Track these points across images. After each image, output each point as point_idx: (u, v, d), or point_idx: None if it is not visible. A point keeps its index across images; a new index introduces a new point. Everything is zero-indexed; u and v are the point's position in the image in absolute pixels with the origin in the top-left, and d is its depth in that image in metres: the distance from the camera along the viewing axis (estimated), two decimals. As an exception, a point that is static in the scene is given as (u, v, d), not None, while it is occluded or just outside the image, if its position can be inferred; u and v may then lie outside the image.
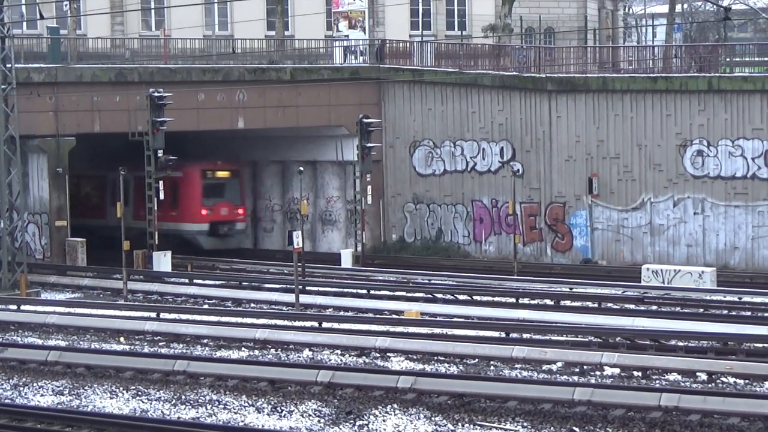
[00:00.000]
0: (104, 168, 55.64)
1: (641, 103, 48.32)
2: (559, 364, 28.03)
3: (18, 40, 48.38)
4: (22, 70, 45.41)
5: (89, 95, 48.78)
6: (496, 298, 39.47)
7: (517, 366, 28.14)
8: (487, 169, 51.62)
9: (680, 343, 30.20)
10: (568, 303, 38.47)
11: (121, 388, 26.96)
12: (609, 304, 38.03)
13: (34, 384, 27.65)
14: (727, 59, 53.07)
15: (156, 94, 46.49)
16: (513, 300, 38.87)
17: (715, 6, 65.68)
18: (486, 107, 51.67)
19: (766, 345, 29.99)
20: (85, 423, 23.70)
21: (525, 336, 31.53)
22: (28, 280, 42.15)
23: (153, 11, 69.67)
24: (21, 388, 27.44)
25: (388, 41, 61.20)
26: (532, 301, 38.74)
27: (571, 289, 41.39)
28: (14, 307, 38.04)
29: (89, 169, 56.25)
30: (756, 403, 23.29)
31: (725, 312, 36.52)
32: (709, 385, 26.28)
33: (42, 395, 26.84)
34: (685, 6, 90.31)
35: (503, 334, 31.73)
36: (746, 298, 38.86)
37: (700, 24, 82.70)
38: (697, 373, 26.94)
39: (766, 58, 57.57)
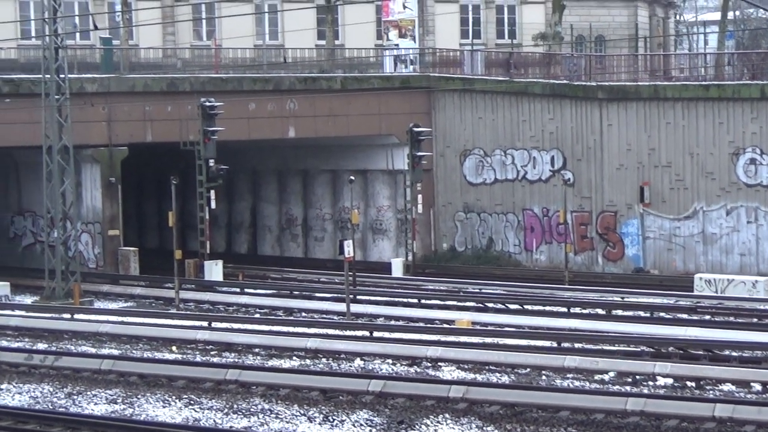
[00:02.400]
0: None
1: (693, 112, 48.03)
2: (612, 374, 27.88)
3: (71, 50, 48.79)
4: (76, 80, 45.74)
5: (141, 105, 49.11)
6: (548, 308, 39.32)
7: (568, 376, 28.01)
8: (538, 178, 51.50)
9: (734, 353, 29.89)
10: (619, 312, 38.26)
11: (174, 397, 27.08)
12: (661, 314, 37.79)
13: (88, 392, 27.82)
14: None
15: (207, 103, 46.75)
16: (564, 309, 38.69)
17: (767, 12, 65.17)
18: (536, 116, 51.55)
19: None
20: (138, 431, 23.87)
21: (576, 345, 31.35)
22: (81, 289, 42.39)
23: (204, 21, 70.09)
24: (75, 397, 27.62)
25: (438, 50, 61.27)
26: (584, 311, 38.55)
27: (622, 298, 41.19)
28: (68, 315, 38.29)
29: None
30: (811, 414, 23.08)
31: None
32: (764, 396, 26.06)
33: (96, 404, 26.99)
34: (737, 13, 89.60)
35: (555, 344, 31.59)
36: (800, 308, 38.57)
37: (753, 31, 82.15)
38: (752, 384, 26.70)
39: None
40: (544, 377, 28.09)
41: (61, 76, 42.33)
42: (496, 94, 52.86)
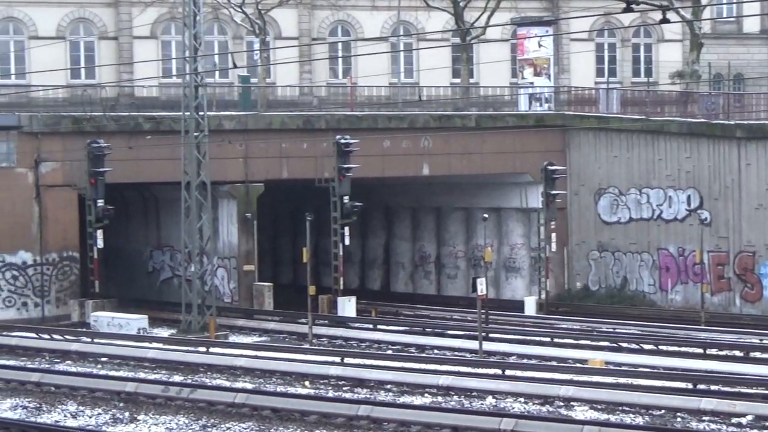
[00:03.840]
0: None
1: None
2: (750, 417, 27.22)
3: (210, 88, 49.57)
4: (214, 117, 46.49)
5: (278, 142, 49.68)
6: (683, 348, 38.70)
7: (704, 418, 27.43)
8: (674, 217, 50.81)
9: None
10: (758, 354, 37.44)
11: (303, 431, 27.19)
12: (802, 357, 36.98)
13: (222, 425, 28.02)
14: None
15: (343, 140, 47.15)
16: (700, 350, 38.03)
17: None
18: (673, 154, 50.92)
19: None
20: (270, 465, 24.02)
21: (713, 388, 30.75)
22: (216, 323, 42.81)
23: (340, 60, 70.86)
24: (209, 429, 27.83)
25: (573, 88, 61.01)
26: (720, 352, 37.85)
27: (761, 340, 40.34)
28: (203, 349, 38.70)
29: None
30: None
31: None
32: None
33: (225, 438, 27.25)
34: None
35: (690, 386, 31.01)
36: None
37: None
38: None
39: None
40: (679, 419, 27.56)
41: (201, 113, 42.92)
42: (632, 132, 52.38)
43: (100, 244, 45.49)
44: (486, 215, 47.18)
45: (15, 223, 45.88)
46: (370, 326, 44.93)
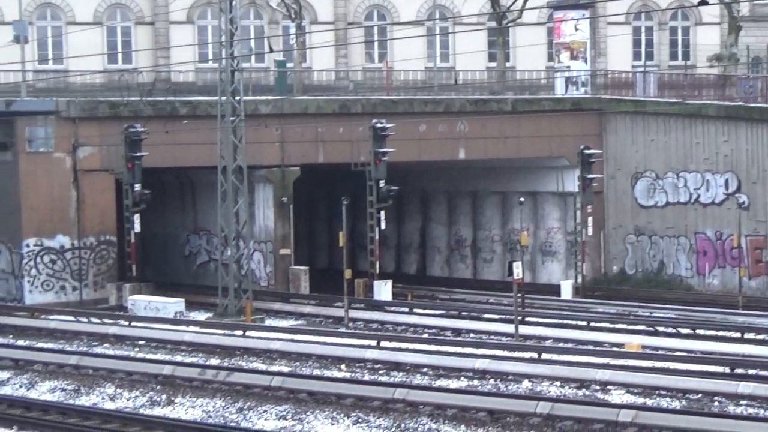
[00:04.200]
0: None
1: None
2: (788, 401, 27.13)
3: (246, 73, 49.66)
4: (250, 102, 46.52)
5: (314, 126, 49.74)
6: (720, 333, 38.51)
7: (742, 403, 27.30)
8: (711, 201, 50.56)
9: None
10: (796, 338, 37.35)
11: (342, 415, 27.18)
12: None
13: (258, 408, 28.13)
14: None
15: (379, 125, 47.10)
16: (738, 335, 37.85)
17: None
18: (710, 138, 50.64)
19: None
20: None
21: (751, 372, 30.60)
22: (253, 307, 42.92)
23: (376, 44, 70.76)
24: (246, 412, 27.96)
25: (610, 72, 60.75)
26: (758, 336, 37.63)
27: (800, 324, 40.18)
28: (240, 332, 38.85)
29: None
30: None
31: None
32: None
33: (266, 419, 27.27)
34: None
35: (728, 370, 30.87)
36: None
37: None
38: None
39: None
40: (716, 403, 27.46)
41: (237, 98, 42.96)
42: (669, 116, 52.14)
43: (137, 228, 45.69)
44: (522, 199, 47.18)
45: (53, 207, 46.14)
46: (406, 310, 44.95)
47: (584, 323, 40.95)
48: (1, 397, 30.11)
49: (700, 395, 28.00)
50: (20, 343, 37.85)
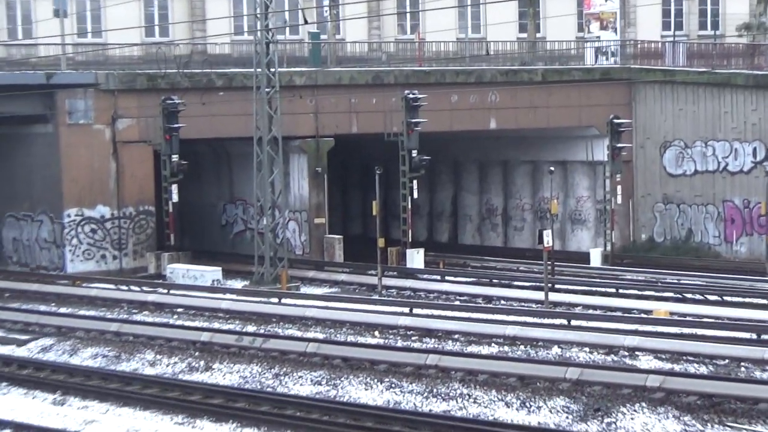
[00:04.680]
0: None
1: None
2: (813, 367, 27.14)
3: (281, 45, 49.69)
4: (285, 73, 46.60)
5: (347, 97, 49.81)
6: (748, 299, 38.43)
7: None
8: (740, 170, 50.42)
9: None
10: (823, 305, 37.25)
11: (376, 380, 27.38)
12: None
13: (294, 374, 28.35)
14: None
15: (411, 95, 47.16)
16: (765, 301, 37.77)
17: None
18: (739, 107, 50.44)
19: None
20: (341, 413, 24.22)
21: (778, 338, 30.66)
22: (288, 275, 43.03)
23: (408, 15, 70.62)
24: (281, 378, 28.19)
25: (639, 42, 60.51)
26: (786, 304, 37.66)
27: (827, 291, 40.07)
28: (275, 300, 39.05)
29: None
30: None
31: None
32: None
33: (301, 384, 27.51)
34: None
35: (754, 336, 30.90)
36: None
37: None
38: None
39: None
40: (743, 369, 27.49)
41: (272, 69, 43.04)
42: (698, 85, 51.94)
43: (175, 198, 45.92)
44: (552, 168, 47.13)
45: (93, 178, 46.42)
46: (438, 278, 45.08)
47: (613, 290, 41.00)
48: (45, 363, 30.54)
49: (726, 361, 28.04)
50: (62, 310, 38.23)
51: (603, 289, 41.23)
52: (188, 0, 67.85)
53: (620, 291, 40.78)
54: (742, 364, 27.84)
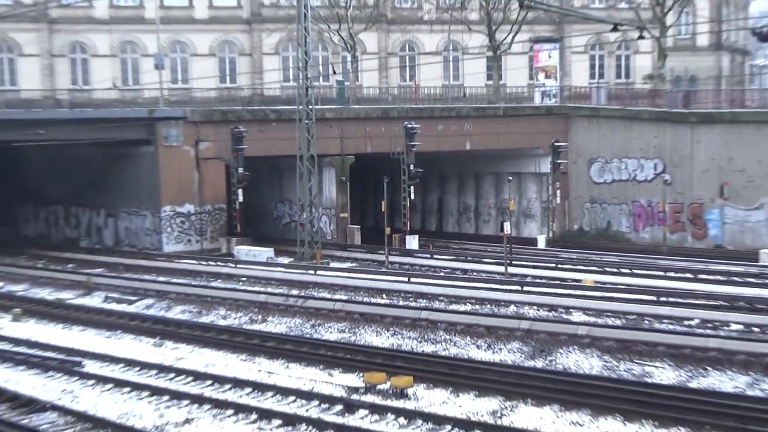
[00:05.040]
0: None
1: (762, 130, 46.31)
2: (696, 320, 27.16)
3: (316, 89, 49.74)
4: (319, 110, 46.47)
5: (363, 127, 49.85)
6: (650, 272, 38.41)
7: (664, 320, 27.40)
8: (645, 179, 50.30)
9: (789, 308, 28.85)
10: (703, 276, 37.12)
11: (383, 329, 27.47)
12: (734, 278, 36.47)
13: (325, 324, 28.45)
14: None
15: (409, 126, 47.19)
16: (662, 273, 37.77)
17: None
18: (644, 134, 50.32)
19: None
20: (359, 352, 24.37)
21: (671, 299, 30.64)
22: (321, 254, 43.17)
23: (408, 68, 70.72)
24: (316, 327, 28.29)
25: (573, 87, 60.53)
26: (677, 275, 37.50)
27: (706, 266, 39.97)
28: (312, 272, 39.12)
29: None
30: None
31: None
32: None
33: (330, 332, 27.60)
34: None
35: (655, 298, 30.93)
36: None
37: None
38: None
39: None
40: (646, 321, 27.56)
41: (309, 107, 43.10)
42: (615, 118, 51.85)
43: (240, 199, 45.95)
44: (510, 178, 47.21)
45: (182, 184, 46.50)
46: (428, 256, 45.03)
47: (553, 265, 40.90)
48: (148, 316, 30.67)
49: (635, 316, 28.14)
50: (160, 279, 38.39)
51: (546, 264, 41.16)
52: (250, 57, 68.06)
53: (558, 266, 40.69)
54: (646, 318, 27.93)
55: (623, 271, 39.06)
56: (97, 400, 21.32)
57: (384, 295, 33.06)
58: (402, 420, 19.09)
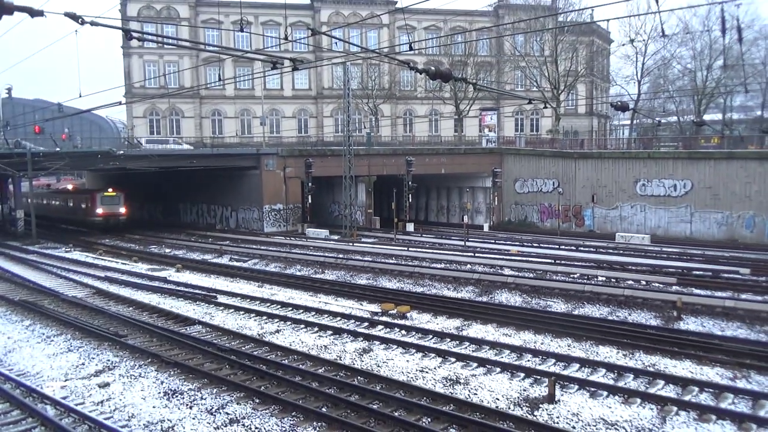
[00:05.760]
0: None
1: (618, 163, 45.66)
2: (578, 274, 26.83)
3: (354, 137, 49.40)
4: (355, 149, 46.26)
5: (382, 159, 49.40)
6: (551, 246, 38.00)
7: (558, 274, 27.09)
8: (547, 191, 49.73)
9: (633, 267, 28.27)
10: (582, 248, 36.71)
11: (393, 278, 27.20)
12: (600, 250, 36.07)
13: (358, 275, 28.18)
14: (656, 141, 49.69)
15: (409, 159, 46.77)
16: (557, 246, 37.34)
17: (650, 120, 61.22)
18: (547, 165, 49.67)
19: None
20: (378, 291, 24.12)
21: (563, 262, 30.26)
22: (356, 233, 42.87)
23: (408, 125, 70.20)
24: (354, 276, 28.02)
25: (505, 137, 59.94)
26: (566, 248, 37.12)
27: (583, 242, 39.49)
28: (351, 244, 38.77)
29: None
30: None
31: (653, 253, 34.14)
32: (651, 285, 24.60)
33: (361, 279, 27.27)
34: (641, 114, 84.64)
35: (553, 261, 30.57)
36: (659, 248, 36.29)
37: (650, 124, 77.37)
38: (641, 281, 25.20)
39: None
40: (548, 275, 27.22)
41: (350, 147, 42.82)
42: (530, 155, 51.21)
43: (309, 201, 45.81)
44: (468, 189, 46.64)
45: (275, 192, 46.26)
46: (419, 234, 44.69)
47: (493, 241, 40.58)
48: (254, 270, 30.49)
49: (541, 272, 27.78)
50: (262, 248, 38.19)
51: (489, 240, 40.81)
52: (316, 119, 67.65)
53: (496, 242, 40.38)
54: (548, 273, 27.59)
55: (534, 245, 38.67)
56: (225, 318, 21.30)
57: (393, 258, 32.84)
58: (403, 332, 18.97)
